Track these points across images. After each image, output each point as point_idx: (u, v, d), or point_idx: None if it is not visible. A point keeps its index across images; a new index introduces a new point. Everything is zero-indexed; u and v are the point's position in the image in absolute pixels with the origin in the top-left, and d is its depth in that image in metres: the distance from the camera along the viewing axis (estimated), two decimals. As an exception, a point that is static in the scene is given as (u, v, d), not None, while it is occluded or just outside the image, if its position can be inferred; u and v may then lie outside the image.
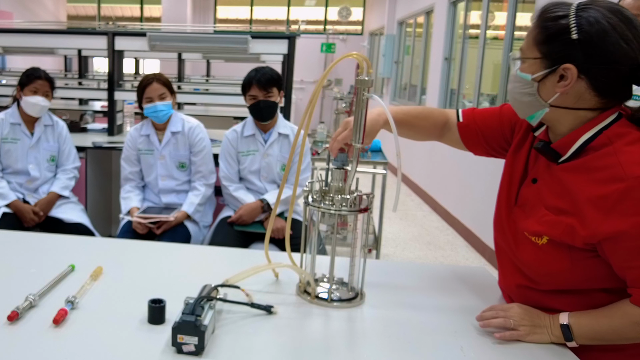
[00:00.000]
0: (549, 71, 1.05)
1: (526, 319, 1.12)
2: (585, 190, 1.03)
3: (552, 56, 1.04)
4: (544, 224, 1.10)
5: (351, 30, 11.75)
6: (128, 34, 3.87)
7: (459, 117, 1.37)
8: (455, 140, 1.40)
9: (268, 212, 2.56)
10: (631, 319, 1.03)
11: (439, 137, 1.43)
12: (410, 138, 1.44)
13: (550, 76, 1.05)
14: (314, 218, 1.28)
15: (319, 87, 1.19)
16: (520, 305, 1.15)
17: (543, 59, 1.05)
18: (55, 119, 2.87)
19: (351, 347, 1.09)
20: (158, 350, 1.02)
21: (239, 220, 2.52)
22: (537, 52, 1.06)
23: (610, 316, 1.05)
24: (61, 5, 11.47)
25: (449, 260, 4.16)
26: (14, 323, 1.10)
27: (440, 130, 1.41)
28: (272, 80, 2.50)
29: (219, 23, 11.84)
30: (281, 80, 2.56)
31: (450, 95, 5.81)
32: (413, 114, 1.39)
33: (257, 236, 2.55)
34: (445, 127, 1.40)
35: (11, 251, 1.55)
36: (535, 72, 1.07)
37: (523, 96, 1.10)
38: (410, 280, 1.44)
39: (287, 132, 2.61)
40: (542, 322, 1.11)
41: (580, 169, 1.06)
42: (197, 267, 1.49)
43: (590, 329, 1.07)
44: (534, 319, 1.12)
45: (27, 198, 2.73)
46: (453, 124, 1.38)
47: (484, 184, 4.29)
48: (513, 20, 4.19)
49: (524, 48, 1.10)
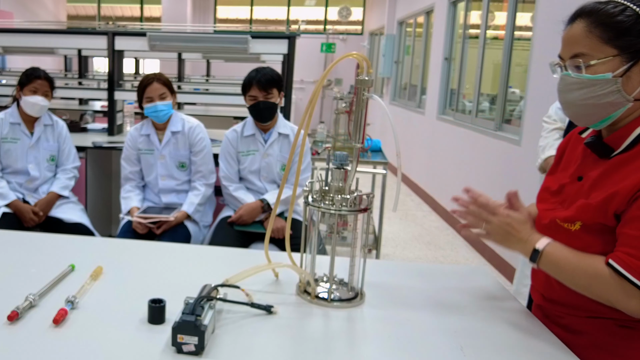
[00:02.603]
0: (632, 64, 1.05)
1: (501, 232, 1.17)
2: (633, 177, 1.04)
3: (630, 49, 1.04)
4: (577, 209, 1.11)
5: (351, 30, 11.75)
6: (128, 33, 3.87)
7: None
8: None
9: (268, 212, 2.56)
10: (593, 271, 1.05)
11: None
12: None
13: (634, 68, 1.05)
14: (313, 218, 1.28)
15: (319, 87, 1.19)
16: (510, 216, 1.16)
17: (620, 55, 1.05)
18: (55, 119, 2.87)
19: (351, 347, 1.09)
20: (158, 350, 1.02)
21: (239, 220, 2.52)
22: (611, 49, 1.05)
23: (580, 258, 1.07)
24: (61, 5, 11.46)
25: (449, 260, 4.16)
26: (14, 323, 1.10)
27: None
28: (273, 81, 2.50)
29: (219, 23, 11.83)
30: (281, 81, 2.56)
31: (450, 95, 5.81)
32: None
33: (257, 236, 2.54)
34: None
35: (11, 251, 1.55)
36: (615, 69, 1.06)
37: (602, 97, 1.07)
38: (410, 280, 1.44)
39: (287, 132, 2.61)
40: (519, 235, 1.14)
41: (632, 159, 1.07)
42: (197, 267, 1.49)
43: (555, 258, 1.09)
44: (512, 231, 1.15)
45: (26, 198, 2.73)
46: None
47: (484, 184, 4.29)
48: (513, 20, 4.19)
49: (586, 51, 1.07)
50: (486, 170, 4.29)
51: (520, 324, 1.21)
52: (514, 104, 4.38)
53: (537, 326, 1.20)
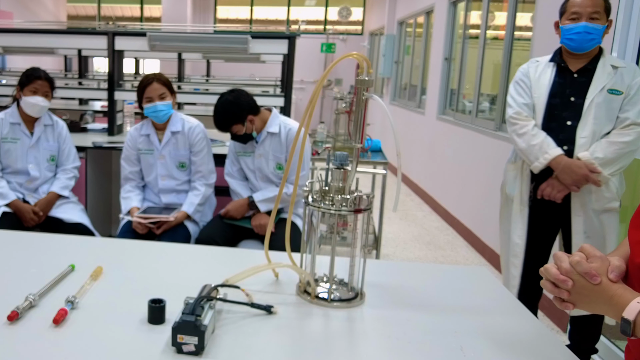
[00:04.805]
0: None
1: (584, 298, 0.92)
2: None
3: None
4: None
5: (351, 30, 11.75)
6: (128, 34, 3.87)
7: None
8: None
9: (255, 209, 2.62)
10: None
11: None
12: None
13: None
14: (313, 218, 1.28)
15: (319, 87, 1.19)
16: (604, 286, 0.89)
17: None
18: (55, 119, 2.87)
19: (351, 347, 1.09)
20: (158, 350, 1.02)
21: (227, 215, 2.61)
22: None
23: None
24: (61, 5, 11.46)
25: (449, 260, 4.16)
26: (14, 323, 1.10)
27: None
28: (225, 123, 2.52)
29: (219, 23, 11.83)
30: (233, 112, 2.51)
31: (450, 95, 5.81)
32: None
33: (246, 234, 2.62)
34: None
35: (11, 251, 1.55)
36: None
37: None
38: (410, 280, 1.44)
39: (275, 131, 2.62)
40: (602, 300, 0.90)
41: None
42: (197, 267, 1.49)
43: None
44: (593, 297, 0.91)
45: (27, 198, 2.73)
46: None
47: (484, 184, 4.29)
48: (513, 20, 4.19)
49: None
50: (486, 170, 4.29)
51: (521, 324, 1.21)
52: (514, 104, 4.37)
53: (537, 326, 1.20)
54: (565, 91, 2.24)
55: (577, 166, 2.15)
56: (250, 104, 2.56)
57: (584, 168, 2.14)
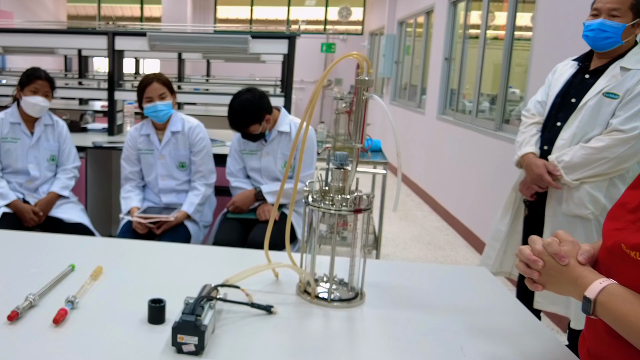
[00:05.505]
0: None
1: (552, 279, 0.95)
2: None
3: None
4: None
5: (351, 30, 11.74)
6: (128, 33, 3.87)
7: None
8: None
9: (261, 200, 2.62)
10: None
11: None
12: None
13: None
14: (313, 218, 1.28)
15: (319, 87, 1.19)
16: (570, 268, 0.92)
17: None
18: (55, 119, 2.87)
19: (351, 347, 1.09)
20: (158, 350, 1.02)
21: (233, 207, 2.60)
22: None
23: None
24: (61, 5, 11.46)
25: (449, 260, 4.16)
26: (14, 323, 1.10)
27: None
28: (244, 122, 2.51)
29: (219, 23, 11.83)
30: (253, 112, 2.50)
31: (450, 95, 5.81)
32: None
33: (251, 227, 2.60)
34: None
35: (11, 251, 1.55)
36: None
37: None
38: (410, 280, 1.44)
39: (286, 130, 2.62)
40: (567, 281, 0.93)
41: None
42: (197, 267, 1.49)
43: (616, 311, 0.84)
44: (560, 278, 0.94)
45: (27, 198, 2.73)
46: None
47: (484, 184, 4.29)
48: (513, 20, 4.19)
49: None
50: (486, 170, 4.29)
51: (521, 324, 1.21)
52: (514, 104, 4.38)
53: (537, 326, 1.21)
54: (570, 91, 2.20)
55: (535, 165, 2.17)
56: (269, 103, 2.57)
57: (541, 168, 2.14)
